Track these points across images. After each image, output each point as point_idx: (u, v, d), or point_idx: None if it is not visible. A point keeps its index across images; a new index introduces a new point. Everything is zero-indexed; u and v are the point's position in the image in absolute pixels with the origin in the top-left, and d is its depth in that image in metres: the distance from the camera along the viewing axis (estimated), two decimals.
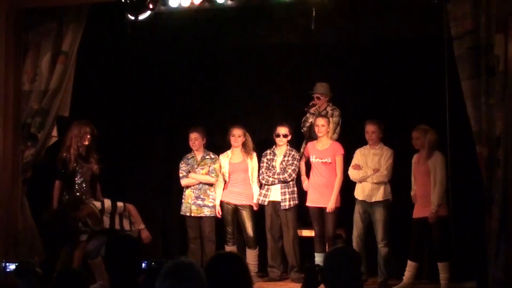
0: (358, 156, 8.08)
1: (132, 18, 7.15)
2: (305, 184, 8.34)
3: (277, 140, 8.36)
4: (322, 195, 8.13)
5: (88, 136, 8.09)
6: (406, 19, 8.09)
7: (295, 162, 8.34)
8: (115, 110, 8.95)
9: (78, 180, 8.08)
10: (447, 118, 6.84)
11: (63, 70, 8.00)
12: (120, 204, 7.75)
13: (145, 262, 4.05)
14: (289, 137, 8.39)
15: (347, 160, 8.15)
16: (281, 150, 8.39)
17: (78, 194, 8.06)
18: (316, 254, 8.04)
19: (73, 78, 8.14)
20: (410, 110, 8.30)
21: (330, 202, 8.06)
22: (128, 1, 6.97)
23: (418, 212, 7.66)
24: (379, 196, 7.89)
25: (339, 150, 8.17)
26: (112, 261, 4.13)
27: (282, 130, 8.34)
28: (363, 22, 8.40)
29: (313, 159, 8.22)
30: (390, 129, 8.05)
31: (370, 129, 7.99)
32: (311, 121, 8.54)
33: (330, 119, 8.29)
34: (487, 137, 6.69)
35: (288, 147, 8.42)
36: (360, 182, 7.99)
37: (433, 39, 7.49)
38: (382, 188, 7.91)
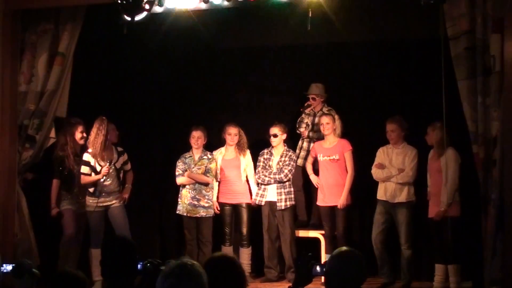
0: (381, 155, 8.00)
1: (129, 19, 7.13)
2: (313, 177, 8.30)
3: (270, 140, 8.37)
4: (332, 194, 8.11)
5: (81, 135, 8.12)
6: (402, 20, 8.10)
7: (292, 163, 8.34)
8: (112, 110, 8.94)
9: (76, 178, 8.08)
10: (443, 118, 6.84)
11: (60, 71, 7.99)
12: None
13: (141, 263, 4.05)
14: (281, 136, 8.37)
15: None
16: (278, 151, 8.40)
17: (76, 191, 8.12)
18: (326, 256, 7.94)
19: (70, 79, 8.14)
20: (407, 110, 8.29)
21: (341, 198, 8.02)
22: (124, 2, 6.95)
23: (432, 211, 7.60)
24: (402, 197, 7.80)
25: (347, 146, 8.14)
26: (108, 263, 4.14)
27: (273, 130, 8.35)
28: (359, 22, 8.41)
29: (320, 158, 8.20)
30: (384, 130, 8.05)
31: (390, 128, 7.91)
32: (307, 122, 8.57)
33: (335, 116, 8.25)
34: (484, 137, 6.69)
35: (285, 147, 8.43)
36: (384, 182, 7.92)
37: (429, 39, 7.50)
38: (406, 189, 7.82)
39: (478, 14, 6.71)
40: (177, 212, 8.44)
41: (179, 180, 8.42)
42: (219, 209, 8.48)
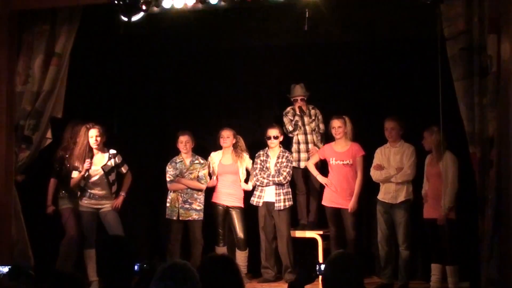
0: (379, 155, 7.97)
1: (125, 19, 7.13)
2: (320, 177, 8.24)
3: (269, 142, 8.37)
4: (340, 196, 8.08)
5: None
6: (399, 20, 8.10)
7: (290, 164, 8.34)
8: (107, 111, 8.95)
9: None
10: (440, 119, 6.84)
11: (56, 72, 7.97)
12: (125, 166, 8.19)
13: (138, 264, 4.04)
14: (281, 138, 8.39)
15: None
16: (274, 152, 8.39)
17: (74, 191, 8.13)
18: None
19: (66, 79, 8.13)
20: (403, 110, 8.29)
21: (352, 202, 8.01)
22: (121, 3, 6.94)
23: (429, 213, 7.57)
24: (402, 196, 7.78)
25: (360, 151, 8.11)
26: (105, 264, 4.13)
27: (273, 132, 8.34)
28: (355, 23, 8.41)
29: (332, 162, 8.15)
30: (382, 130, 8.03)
31: (389, 125, 7.88)
32: (299, 125, 8.53)
33: (346, 118, 8.22)
34: (480, 137, 6.69)
35: (282, 148, 8.42)
36: (383, 183, 7.90)
37: (426, 39, 7.49)
38: (405, 187, 7.79)
39: (475, 14, 6.71)
40: (167, 217, 8.43)
41: (171, 186, 8.42)
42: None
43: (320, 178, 8.28)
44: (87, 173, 7.97)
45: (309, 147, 8.55)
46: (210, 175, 8.52)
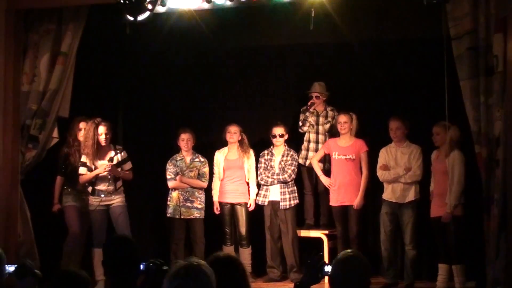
0: (385, 155, 7.93)
1: (131, 18, 7.14)
2: (323, 178, 8.23)
3: (274, 140, 8.37)
4: (346, 194, 8.05)
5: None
6: (405, 19, 8.10)
7: (294, 163, 8.33)
8: (113, 111, 8.96)
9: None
10: (446, 118, 6.83)
11: (62, 71, 7.99)
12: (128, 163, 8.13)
13: (144, 263, 4.05)
14: (286, 137, 8.39)
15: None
16: (279, 150, 8.39)
17: (79, 189, 8.13)
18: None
19: (73, 79, 8.14)
20: (409, 110, 8.28)
21: (357, 199, 7.97)
22: (127, 2, 6.95)
23: (435, 211, 7.53)
24: (410, 196, 7.75)
25: (363, 146, 8.09)
26: (111, 263, 4.14)
27: (278, 130, 8.34)
28: (361, 22, 8.40)
29: (335, 156, 8.13)
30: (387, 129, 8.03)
31: (394, 125, 7.85)
32: (310, 121, 8.53)
33: (353, 116, 8.22)
34: (486, 137, 6.69)
35: (286, 147, 8.42)
36: (390, 183, 7.88)
37: (432, 39, 7.49)
38: (413, 187, 7.77)
39: (481, 14, 6.71)
40: (168, 215, 8.43)
41: (171, 184, 8.41)
42: (219, 209, 8.47)
43: (323, 178, 8.27)
44: (106, 173, 7.94)
45: (319, 147, 8.53)
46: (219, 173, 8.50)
